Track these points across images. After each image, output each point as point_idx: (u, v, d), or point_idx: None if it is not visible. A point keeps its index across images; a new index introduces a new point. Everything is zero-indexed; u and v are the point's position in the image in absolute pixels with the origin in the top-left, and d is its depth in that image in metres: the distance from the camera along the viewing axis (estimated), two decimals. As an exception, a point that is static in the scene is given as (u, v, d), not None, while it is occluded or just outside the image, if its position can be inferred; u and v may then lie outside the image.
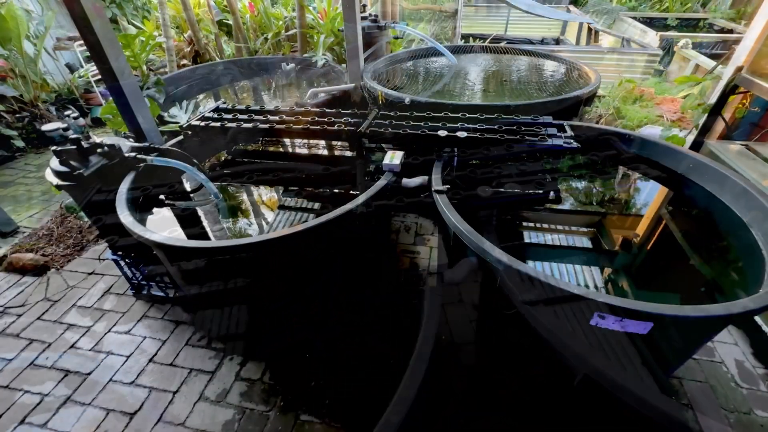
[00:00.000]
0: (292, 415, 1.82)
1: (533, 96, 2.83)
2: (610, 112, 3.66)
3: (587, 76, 2.94)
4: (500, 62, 3.65)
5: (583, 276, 1.61)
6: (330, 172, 2.33)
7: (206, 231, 1.92)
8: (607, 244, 1.80)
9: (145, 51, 3.34)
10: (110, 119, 2.79)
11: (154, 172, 1.99)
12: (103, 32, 1.81)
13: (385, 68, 3.47)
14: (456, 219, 1.43)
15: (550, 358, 1.59)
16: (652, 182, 2.03)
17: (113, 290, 2.57)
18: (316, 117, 2.12)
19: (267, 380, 1.97)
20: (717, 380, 1.91)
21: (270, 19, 5.34)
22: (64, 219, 3.23)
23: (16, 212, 3.40)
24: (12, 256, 2.78)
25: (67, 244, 2.98)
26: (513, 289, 1.39)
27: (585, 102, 2.63)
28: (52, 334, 2.28)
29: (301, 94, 3.71)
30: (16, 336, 2.27)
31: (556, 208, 1.95)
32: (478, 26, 8.22)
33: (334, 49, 4.62)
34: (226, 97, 3.83)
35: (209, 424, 1.80)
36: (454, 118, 2.03)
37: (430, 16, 6.73)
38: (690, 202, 1.84)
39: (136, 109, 2.08)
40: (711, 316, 1.03)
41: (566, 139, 1.79)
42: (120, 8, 6.19)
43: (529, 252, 1.75)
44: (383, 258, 2.65)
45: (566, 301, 1.17)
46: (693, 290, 1.54)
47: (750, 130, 2.69)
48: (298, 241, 1.48)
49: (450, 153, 1.97)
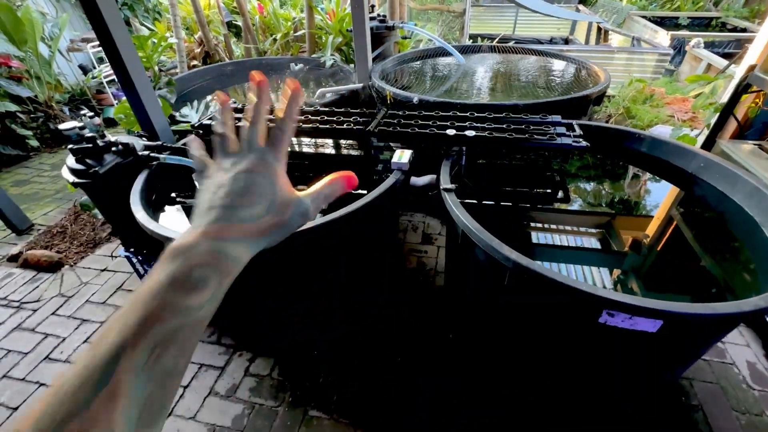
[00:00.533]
0: (301, 411, 1.84)
1: (542, 95, 2.83)
2: (619, 111, 3.64)
3: (596, 75, 2.92)
4: (508, 62, 3.64)
5: (592, 277, 1.61)
6: (338, 170, 2.35)
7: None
8: (616, 244, 1.79)
9: (157, 52, 3.40)
10: (123, 119, 2.84)
11: (166, 170, 2.03)
12: (118, 34, 1.85)
13: (393, 68, 3.49)
14: (465, 217, 1.44)
15: (557, 357, 1.59)
16: (662, 182, 2.02)
17: (125, 287, 2.62)
18: (325, 116, 2.14)
19: (276, 376, 2.00)
20: (728, 381, 1.90)
21: (279, 20, 5.39)
22: (77, 216, 3.29)
23: (31, 210, 3.48)
24: (27, 253, 2.84)
25: (80, 241, 3.04)
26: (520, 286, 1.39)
27: (594, 101, 2.61)
28: (67, 328, 2.33)
29: (309, 94, 3.74)
30: (32, 330, 2.33)
31: (564, 209, 1.95)
32: (486, 26, 8.21)
33: (343, 49, 4.65)
34: (236, 97, 3.88)
35: (219, 418, 1.83)
36: (463, 117, 2.03)
37: (438, 16, 6.74)
38: (701, 201, 1.82)
39: (149, 109, 2.12)
40: (721, 314, 1.03)
41: (575, 138, 1.78)
42: (131, 10, 6.29)
43: (537, 252, 1.74)
44: (390, 257, 2.67)
45: (576, 299, 1.18)
46: (704, 291, 1.53)
47: (763, 129, 2.65)
48: (305, 239, 1.50)
49: (458, 152, 1.98)
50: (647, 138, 2.00)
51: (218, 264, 0.37)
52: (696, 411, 1.78)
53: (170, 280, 0.34)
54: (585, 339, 1.40)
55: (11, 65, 4.28)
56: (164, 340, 0.32)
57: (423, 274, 2.57)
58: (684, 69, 6.11)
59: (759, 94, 2.54)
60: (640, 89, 3.78)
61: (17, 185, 3.95)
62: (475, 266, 1.62)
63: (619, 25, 8.12)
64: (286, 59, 4.38)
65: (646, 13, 8.14)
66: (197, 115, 2.91)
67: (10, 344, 2.25)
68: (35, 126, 4.54)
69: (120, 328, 0.31)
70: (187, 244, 0.37)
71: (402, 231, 2.95)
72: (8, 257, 2.90)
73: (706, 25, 7.92)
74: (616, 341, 1.31)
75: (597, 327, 1.22)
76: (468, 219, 1.43)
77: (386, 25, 3.88)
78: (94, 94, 5.28)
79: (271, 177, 0.44)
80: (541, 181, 2.17)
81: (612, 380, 1.60)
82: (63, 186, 3.86)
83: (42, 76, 4.50)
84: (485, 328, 1.88)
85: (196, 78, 3.95)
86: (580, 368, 1.58)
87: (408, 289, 2.47)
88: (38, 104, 4.60)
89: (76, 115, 5.02)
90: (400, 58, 3.63)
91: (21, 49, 4.22)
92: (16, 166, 4.31)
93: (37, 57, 4.40)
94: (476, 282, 1.75)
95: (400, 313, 2.30)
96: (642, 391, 1.72)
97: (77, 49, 5.16)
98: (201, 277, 0.35)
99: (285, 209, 0.44)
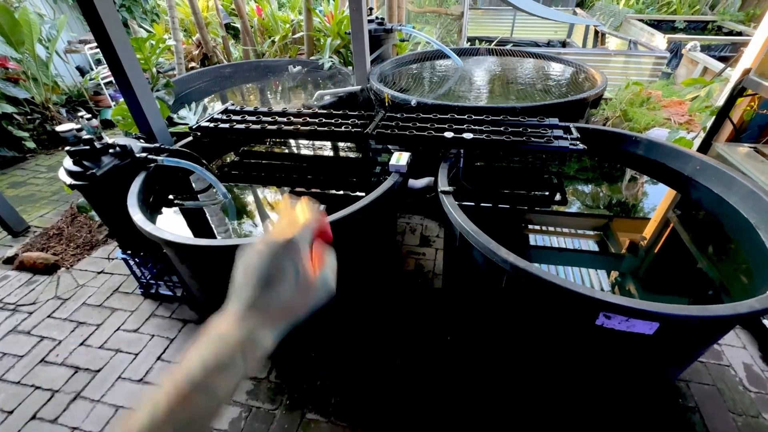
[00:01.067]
0: (298, 414, 1.83)
1: (539, 98, 2.84)
2: (617, 114, 3.66)
3: (594, 78, 2.94)
4: (506, 65, 3.66)
5: (589, 279, 1.61)
6: (336, 173, 2.35)
7: (214, 230, 1.94)
8: (613, 247, 1.79)
9: (155, 54, 3.39)
10: (120, 121, 2.83)
11: (163, 172, 2.03)
12: (116, 36, 1.85)
13: (392, 70, 3.50)
14: (462, 219, 1.44)
15: (554, 359, 1.59)
16: (659, 184, 2.03)
17: (122, 289, 2.61)
18: (324, 118, 2.14)
19: (273, 379, 1.99)
20: (725, 383, 1.90)
21: (277, 22, 5.40)
22: (74, 218, 3.28)
23: (27, 212, 3.46)
24: (23, 255, 2.83)
25: (77, 243, 3.03)
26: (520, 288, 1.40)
27: (591, 104, 2.63)
28: (63, 331, 2.31)
29: (307, 96, 3.74)
30: (27, 333, 2.31)
31: (561, 211, 1.96)
32: (484, 29, 8.24)
33: (341, 51, 4.65)
34: (234, 99, 3.88)
35: (216, 422, 1.82)
36: (461, 120, 2.04)
37: (436, 18, 6.76)
38: (697, 204, 1.83)
39: (147, 111, 2.11)
40: (718, 317, 1.03)
41: (572, 141, 1.79)
42: (129, 12, 6.29)
43: (534, 254, 1.75)
44: (388, 259, 2.66)
45: (574, 301, 1.18)
46: (700, 293, 1.54)
47: (758, 132, 2.67)
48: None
49: (456, 154, 1.98)
50: (644, 141, 2.02)
51: (251, 352, 0.40)
52: (693, 413, 1.79)
53: (205, 363, 0.37)
54: (582, 341, 1.40)
55: (8, 67, 4.26)
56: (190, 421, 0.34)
57: (421, 276, 2.57)
58: (680, 72, 6.15)
59: (754, 98, 2.56)
60: (637, 92, 3.80)
61: (13, 187, 3.93)
62: (473, 269, 1.62)
63: (616, 29, 8.18)
64: (284, 61, 4.39)
65: (642, 17, 8.20)
66: (195, 117, 2.91)
67: (6, 347, 2.23)
68: (32, 128, 4.52)
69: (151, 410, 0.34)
70: (227, 331, 0.40)
71: (400, 233, 2.95)
72: (4, 259, 2.88)
73: (702, 29, 7.98)
74: (612, 343, 1.32)
75: (594, 329, 1.22)
76: (466, 221, 1.43)
77: (384, 27, 3.89)
78: (92, 95, 5.26)
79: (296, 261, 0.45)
80: (538, 183, 2.18)
81: (609, 382, 1.61)
82: (59, 188, 3.84)
83: (39, 78, 4.49)
84: (483, 331, 1.88)
85: (194, 80, 3.95)
86: (576, 370, 1.58)
87: (406, 291, 2.47)
88: (35, 106, 4.59)
89: (73, 117, 5.01)
90: (398, 60, 3.64)
91: (18, 50, 4.21)
92: (13, 168, 4.29)
93: (34, 58, 4.39)
94: (474, 284, 1.76)
95: (398, 315, 2.29)
96: (638, 392, 1.72)
97: (75, 50, 5.15)
98: (233, 363, 0.38)
99: (309, 291, 0.46)
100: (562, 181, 2.15)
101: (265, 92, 4.05)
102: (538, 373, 1.75)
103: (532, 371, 1.77)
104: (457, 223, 1.45)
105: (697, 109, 3.00)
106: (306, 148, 2.66)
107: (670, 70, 6.21)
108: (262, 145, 2.65)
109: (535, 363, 1.70)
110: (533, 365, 1.72)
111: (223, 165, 2.41)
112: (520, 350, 1.71)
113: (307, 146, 2.67)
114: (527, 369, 1.78)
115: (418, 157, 2.03)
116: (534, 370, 1.75)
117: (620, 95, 3.80)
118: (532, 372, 1.77)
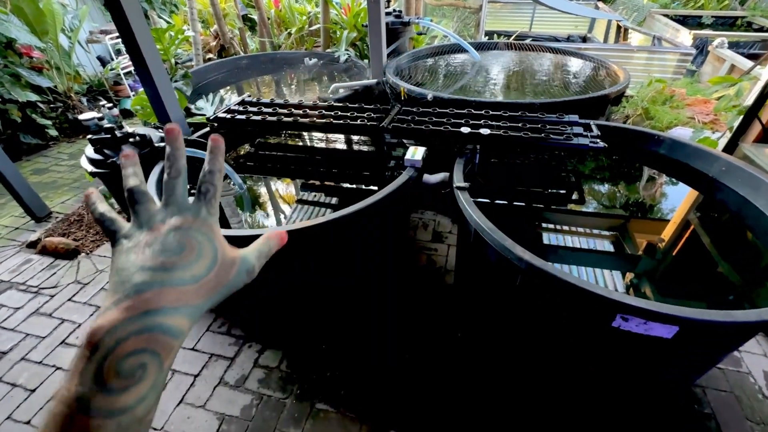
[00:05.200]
0: (308, 404, 1.86)
1: (558, 94, 2.78)
2: (638, 112, 3.56)
3: (615, 74, 2.86)
4: (525, 59, 3.59)
5: (604, 280, 1.58)
6: (351, 166, 2.35)
7: (228, 221, 1.96)
8: (630, 248, 1.76)
9: (174, 45, 3.43)
10: (139, 110, 2.88)
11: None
12: (138, 28, 1.88)
13: (408, 64, 3.47)
14: (477, 216, 1.43)
15: (567, 360, 1.57)
16: (680, 185, 1.98)
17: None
18: (339, 111, 2.14)
19: (284, 368, 2.02)
20: (743, 391, 1.86)
21: (294, 14, 5.40)
22: (94, 206, 3.35)
23: (49, 198, 3.55)
24: (45, 240, 2.91)
25: (96, 229, 3.10)
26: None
27: (612, 101, 2.56)
28: (82, 315, 2.38)
29: (323, 89, 3.74)
30: (49, 315, 2.39)
31: (578, 210, 1.92)
32: (502, 23, 8.08)
33: (357, 44, 4.63)
34: (250, 90, 3.90)
35: (228, 407, 1.86)
36: (478, 115, 2.01)
37: (454, 12, 6.67)
38: (721, 206, 1.78)
39: (165, 101, 2.14)
40: (741, 323, 1.00)
41: (593, 138, 1.75)
42: (149, 2, 6.36)
43: (549, 253, 1.72)
44: (401, 254, 2.66)
45: (590, 302, 1.16)
46: (720, 298, 1.50)
47: (788, 133, 2.57)
48: (316, 234, 1.50)
49: (472, 150, 1.96)
50: (667, 140, 1.96)
51: (155, 345, 0.31)
52: (709, 420, 1.75)
53: (92, 383, 0.28)
54: (596, 343, 1.38)
55: (33, 56, 4.36)
56: None
57: (432, 271, 2.57)
58: (706, 69, 5.94)
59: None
60: (660, 90, 3.69)
61: (36, 173, 4.04)
62: (487, 266, 1.61)
63: (640, 24, 7.93)
64: (300, 54, 4.39)
65: (667, 12, 7.93)
66: (212, 108, 2.94)
67: (29, 328, 2.31)
68: (54, 116, 4.63)
69: None
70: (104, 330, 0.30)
71: (412, 228, 2.94)
72: (27, 243, 2.97)
73: (730, 25, 7.69)
74: (628, 346, 1.30)
75: (609, 331, 1.20)
76: (481, 218, 1.41)
77: (402, 20, 3.85)
78: (112, 85, 5.36)
79: (208, 233, 0.39)
80: (555, 181, 2.15)
81: (622, 385, 1.58)
82: (81, 175, 3.94)
83: (62, 67, 4.59)
84: (495, 328, 1.87)
85: (212, 71, 3.99)
86: (590, 372, 1.56)
87: (417, 286, 2.46)
88: (58, 95, 4.69)
89: (94, 106, 5.11)
90: (414, 54, 3.60)
91: (42, 39, 4.30)
92: (36, 155, 4.41)
93: (57, 48, 4.48)
94: (487, 282, 1.74)
95: (409, 310, 2.30)
96: (653, 397, 1.69)
97: (96, 40, 5.23)
98: (133, 369, 0.29)
99: (230, 268, 0.39)
100: (580, 179, 2.11)
101: (280, 84, 4.06)
102: (549, 373, 1.73)
103: (543, 372, 1.75)
104: (473, 219, 1.44)
105: (724, 108, 2.90)
106: (320, 141, 2.66)
107: (695, 68, 6.01)
108: (277, 137, 2.66)
109: (546, 363, 1.68)
110: (545, 366, 1.71)
111: (239, 156, 2.44)
112: (532, 350, 1.70)
113: (321, 139, 2.68)
114: (538, 369, 1.77)
115: (433, 152, 2.01)
116: (545, 371, 1.74)
117: (642, 93, 3.69)
118: (543, 372, 1.76)
